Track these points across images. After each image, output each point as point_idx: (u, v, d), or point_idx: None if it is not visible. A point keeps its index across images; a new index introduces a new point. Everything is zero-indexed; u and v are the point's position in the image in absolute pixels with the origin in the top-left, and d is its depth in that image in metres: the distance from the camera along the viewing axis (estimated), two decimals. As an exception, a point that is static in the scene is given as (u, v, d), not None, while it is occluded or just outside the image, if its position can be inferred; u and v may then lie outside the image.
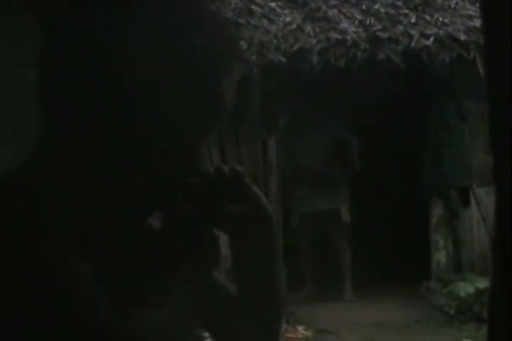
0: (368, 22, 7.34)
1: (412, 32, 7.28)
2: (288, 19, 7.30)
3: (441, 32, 7.32)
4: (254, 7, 7.37)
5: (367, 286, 7.49)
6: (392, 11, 7.51)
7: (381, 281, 7.64)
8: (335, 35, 7.16)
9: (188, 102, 1.01)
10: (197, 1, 1.07)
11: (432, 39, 7.23)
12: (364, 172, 7.46)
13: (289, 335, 6.59)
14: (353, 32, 7.21)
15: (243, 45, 6.99)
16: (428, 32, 7.31)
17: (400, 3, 7.62)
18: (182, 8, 1.03)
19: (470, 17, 7.59)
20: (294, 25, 7.24)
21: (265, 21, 7.25)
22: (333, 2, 7.56)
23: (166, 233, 1.07)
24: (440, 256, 7.59)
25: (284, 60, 6.96)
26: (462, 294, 6.84)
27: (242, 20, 7.22)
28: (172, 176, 1.04)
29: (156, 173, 1.03)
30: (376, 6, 7.55)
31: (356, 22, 7.35)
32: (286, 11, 7.41)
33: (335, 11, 7.46)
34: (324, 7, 7.46)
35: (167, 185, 1.04)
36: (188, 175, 1.05)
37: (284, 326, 6.74)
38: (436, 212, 7.64)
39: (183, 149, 1.03)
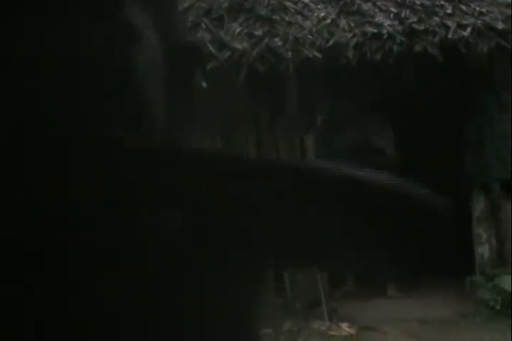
0: (403, 14, 7.24)
1: (449, 23, 7.17)
2: (322, 14, 7.23)
3: (479, 22, 7.20)
4: (287, 3, 7.31)
5: (410, 282, 7.42)
6: (427, 3, 7.39)
7: (424, 276, 7.56)
8: (370, 29, 7.08)
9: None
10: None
11: (469, 29, 7.11)
12: (403, 166, 7.37)
13: (333, 333, 6.56)
14: (389, 25, 7.12)
15: (278, 41, 6.95)
16: (465, 22, 7.19)
17: (435, -6, 7.50)
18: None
19: (508, 5, 7.45)
20: (329, 20, 7.17)
21: (299, 17, 7.19)
22: (367, -5, 7.47)
23: None
24: (483, 250, 7.48)
25: (319, 55, 6.90)
26: (507, 288, 6.74)
27: (276, 17, 7.16)
28: None
29: None
30: (411, -2, 7.44)
31: (391, 15, 7.25)
32: (319, 6, 7.34)
33: (369, 4, 7.36)
34: (358, 1, 7.37)
35: None
36: None
37: (328, 323, 6.72)
38: (479, 205, 7.53)
39: None
